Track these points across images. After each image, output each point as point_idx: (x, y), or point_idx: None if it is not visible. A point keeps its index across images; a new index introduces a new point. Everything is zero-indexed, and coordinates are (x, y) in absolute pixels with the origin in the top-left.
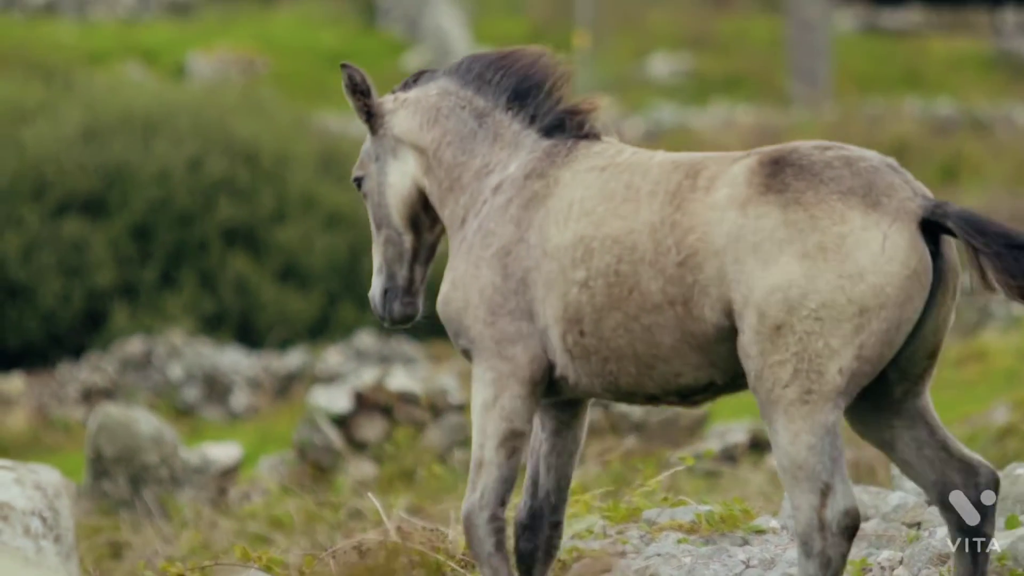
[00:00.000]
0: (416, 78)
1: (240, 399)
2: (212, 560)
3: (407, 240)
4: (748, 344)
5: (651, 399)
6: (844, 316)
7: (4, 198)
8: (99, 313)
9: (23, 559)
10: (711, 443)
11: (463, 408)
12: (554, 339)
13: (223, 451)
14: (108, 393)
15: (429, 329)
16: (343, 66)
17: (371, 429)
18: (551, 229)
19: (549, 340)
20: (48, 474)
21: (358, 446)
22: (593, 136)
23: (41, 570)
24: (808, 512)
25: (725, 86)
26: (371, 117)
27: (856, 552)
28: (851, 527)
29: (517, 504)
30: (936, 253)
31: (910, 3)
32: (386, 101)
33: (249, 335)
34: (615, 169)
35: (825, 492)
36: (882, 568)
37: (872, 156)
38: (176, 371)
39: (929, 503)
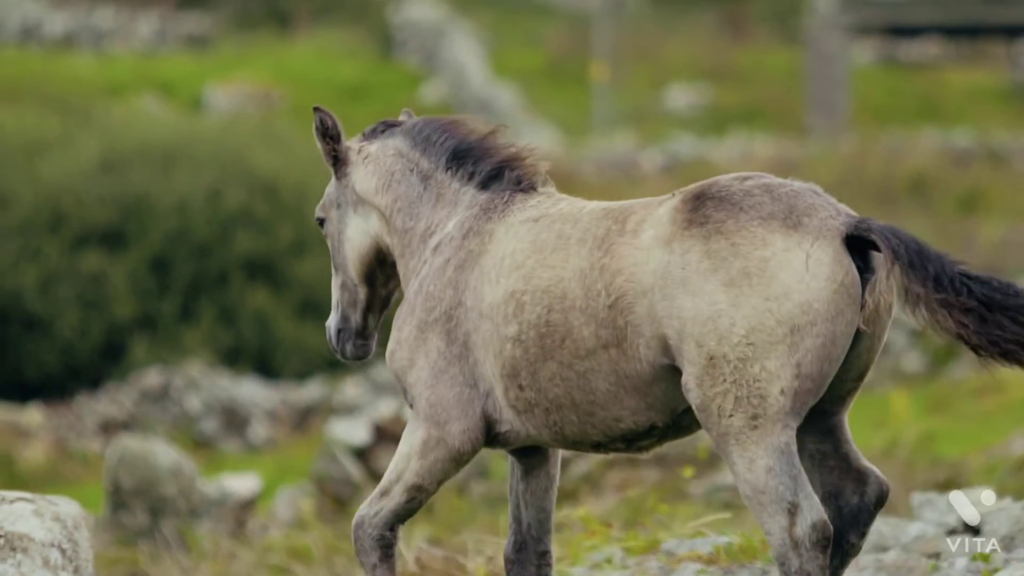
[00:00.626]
0: (378, 129)
1: (258, 431)
2: None
3: (361, 292)
4: (687, 378)
5: (597, 447)
6: (775, 338)
7: (22, 230)
8: (117, 345)
9: None
10: (730, 473)
11: None
12: (498, 396)
13: (241, 483)
14: (126, 425)
15: None
16: (315, 109)
17: (389, 460)
18: (484, 289)
19: (492, 400)
20: (67, 506)
21: (377, 478)
22: (530, 188)
23: None
24: (780, 534)
25: (743, 118)
26: (337, 163)
27: None
28: (823, 540)
29: (504, 543)
30: (865, 269)
31: (927, 35)
32: (351, 150)
33: (267, 367)
34: (547, 220)
35: (792, 511)
36: None
37: (795, 183)
38: (194, 403)
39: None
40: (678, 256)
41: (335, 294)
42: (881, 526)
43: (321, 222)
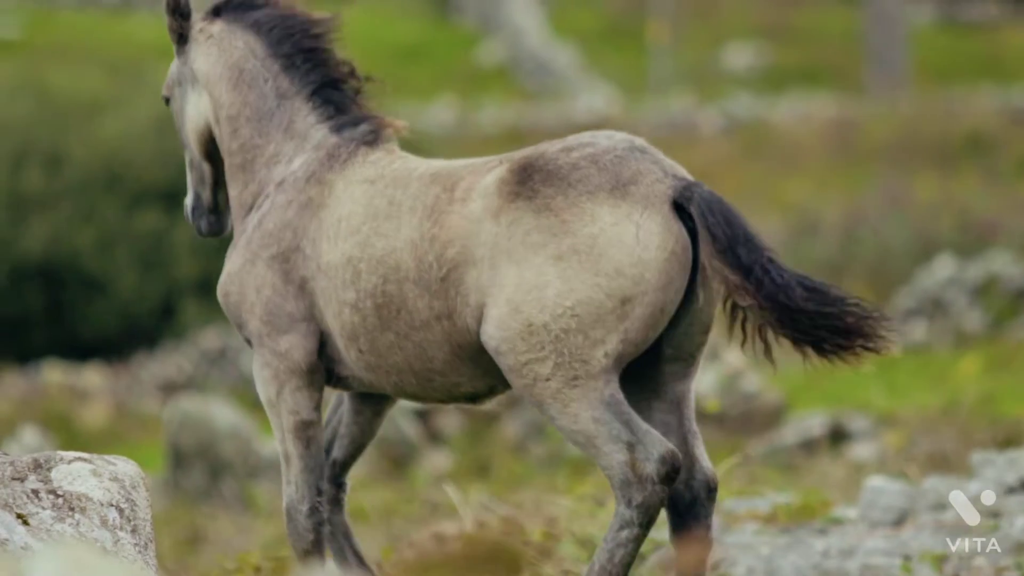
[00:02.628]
0: (224, 8)
1: None
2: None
3: (206, 168)
4: (497, 343)
5: (441, 402)
6: (604, 310)
7: (79, 191)
8: (175, 306)
9: (100, 550)
10: (789, 434)
11: None
12: (341, 349)
13: None
14: (184, 386)
15: None
16: None
17: (448, 421)
18: (323, 244)
19: (333, 344)
20: (125, 465)
21: (434, 438)
22: (373, 143)
23: (118, 561)
24: (620, 468)
25: (801, 77)
26: (181, 39)
27: (934, 542)
28: (672, 472)
29: None
30: (695, 229)
31: None
32: (194, 27)
33: None
34: (381, 183)
35: (631, 447)
36: (960, 558)
37: (619, 144)
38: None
39: None
40: (504, 228)
41: (188, 173)
42: (939, 485)
43: (167, 101)
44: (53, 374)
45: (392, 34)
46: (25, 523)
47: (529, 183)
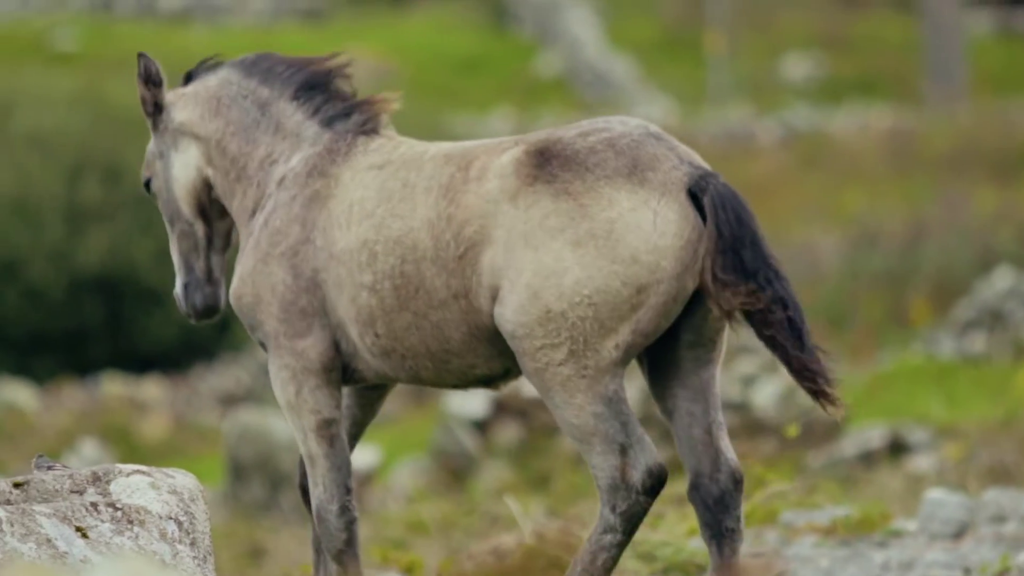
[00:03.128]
0: (192, 74)
1: None
2: None
3: (199, 229)
4: (513, 326)
5: (454, 387)
6: (620, 299)
7: (136, 204)
8: (233, 318)
9: (159, 563)
10: (848, 446)
11: None
12: (353, 338)
13: (360, 456)
14: (243, 398)
15: None
16: (140, 56)
17: (507, 433)
18: (335, 232)
19: (347, 336)
20: (184, 478)
21: (494, 451)
22: (372, 131)
23: (177, 574)
24: (609, 471)
25: (859, 88)
26: (157, 110)
27: (995, 553)
28: (657, 485)
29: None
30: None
31: None
32: (167, 95)
33: None
34: (392, 167)
35: (624, 452)
36: (1021, 570)
37: (634, 129)
38: None
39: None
40: (522, 211)
41: (175, 257)
42: (999, 497)
43: (148, 184)
44: (112, 387)
45: (451, 45)
46: (84, 536)
47: (547, 167)
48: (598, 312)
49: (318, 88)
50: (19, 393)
